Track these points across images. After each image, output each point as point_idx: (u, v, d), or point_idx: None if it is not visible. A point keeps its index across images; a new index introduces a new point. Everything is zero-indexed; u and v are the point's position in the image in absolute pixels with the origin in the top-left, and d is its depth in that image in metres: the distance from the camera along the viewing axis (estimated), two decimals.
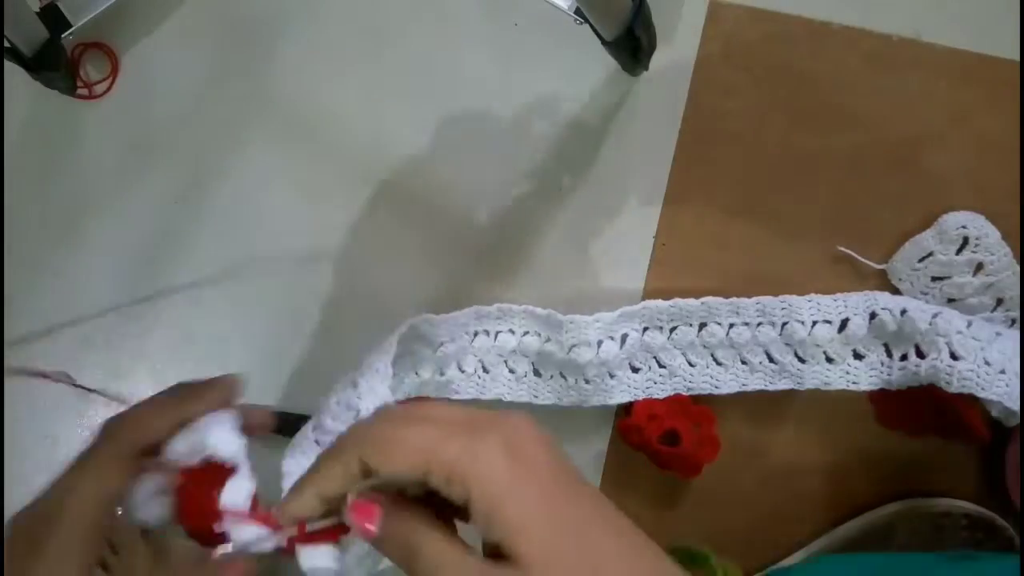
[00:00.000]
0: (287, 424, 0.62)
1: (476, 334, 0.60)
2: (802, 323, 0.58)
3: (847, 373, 0.58)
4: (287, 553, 0.33)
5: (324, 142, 0.60)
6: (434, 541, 0.30)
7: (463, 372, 0.59)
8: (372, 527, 0.31)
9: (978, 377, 0.53)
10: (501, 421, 0.30)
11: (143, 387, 0.62)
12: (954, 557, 0.49)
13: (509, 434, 0.30)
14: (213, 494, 0.34)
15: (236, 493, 0.34)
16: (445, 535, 0.31)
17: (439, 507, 0.32)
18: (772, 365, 0.59)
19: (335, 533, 0.33)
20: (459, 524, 0.32)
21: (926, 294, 0.59)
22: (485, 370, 0.60)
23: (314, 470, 0.32)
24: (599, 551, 0.29)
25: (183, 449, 0.35)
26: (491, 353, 0.60)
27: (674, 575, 0.30)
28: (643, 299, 0.60)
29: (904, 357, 0.57)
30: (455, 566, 0.30)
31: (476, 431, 0.30)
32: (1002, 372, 0.54)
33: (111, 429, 0.36)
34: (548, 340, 0.58)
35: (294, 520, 0.32)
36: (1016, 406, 0.54)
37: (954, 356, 0.54)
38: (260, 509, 0.34)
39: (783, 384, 0.59)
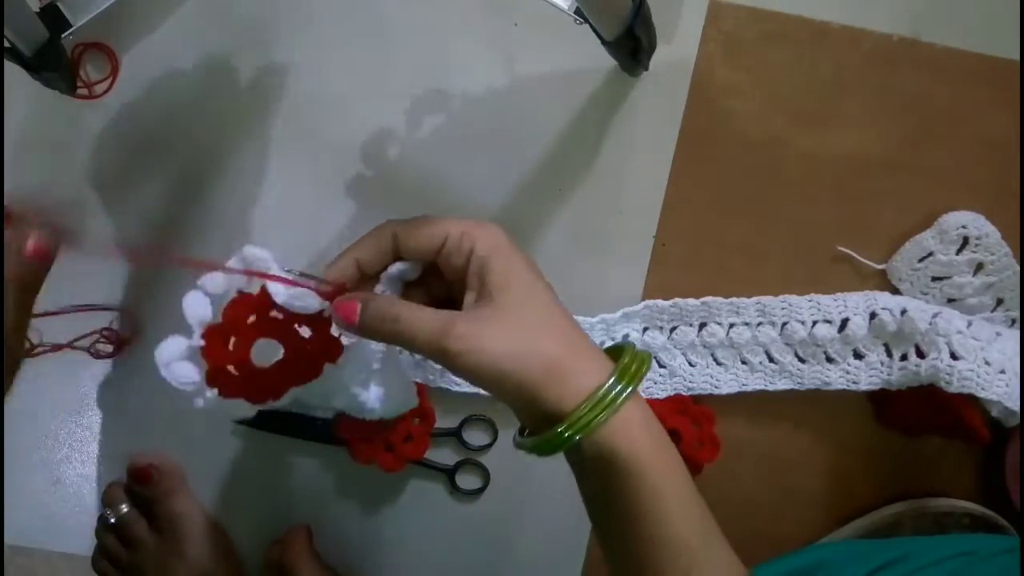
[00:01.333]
0: (289, 423, 0.62)
1: None
2: (802, 323, 0.58)
3: (847, 373, 0.58)
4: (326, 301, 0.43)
5: (324, 141, 0.60)
6: (410, 306, 0.40)
7: None
8: (354, 315, 0.40)
9: (978, 377, 0.53)
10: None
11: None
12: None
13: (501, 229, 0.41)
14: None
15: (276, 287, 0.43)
16: (423, 306, 0.40)
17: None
18: (772, 365, 0.59)
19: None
20: None
21: (926, 294, 0.59)
22: None
23: (353, 245, 0.43)
24: (554, 314, 0.40)
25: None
26: None
27: (597, 351, 0.40)
28: (643, 299, 0.60)
29: (904, 357, 0.57)
30: (433, 314, 0.39)
31: (480, 221, 0.41)
32: (1002, 372, 0.54)
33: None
34: None
35: (336, 279, 0.42)
36: (1016, 406, 0.54)
37: (954, 356, 0.54)
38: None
39: (783, 384, 0.59)
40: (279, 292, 0.43)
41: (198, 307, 0.42)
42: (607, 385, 0.38)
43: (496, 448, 0.61)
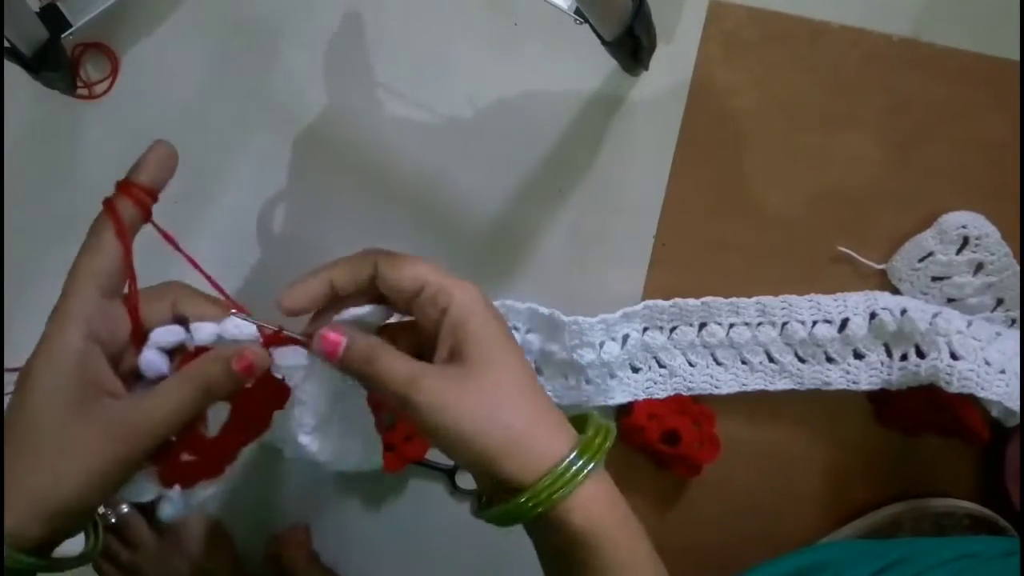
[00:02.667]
0: None
1: None
2: (802, 323, 0.58)
3: (847, 373, 0.58)
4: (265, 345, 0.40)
5: (324, 142, 0.60)
6: (388, 349, 0.39)
7: None
8: (339, 349, 0.39)
9: (978, 377, 0.53)
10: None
11: None
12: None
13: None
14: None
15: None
16: (401, 354, 0.39)
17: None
18: (772, 365, 0.59)
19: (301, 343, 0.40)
20: None
21: (926, 294, 0.59)
22: None
23: (331, 265, 0.40)
24: (522, 384, 0.39)
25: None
26: None
27: (561, 422, 0.40)
28: (643, 299, 0.60)
29: (904, 357, 0.57)
30: (406, 363, 0.39)
31: (459, 279, 0.40)
32: (1002, 372, 0.54)
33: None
34: (550, 340, 0.58)
35: (300, 296, 0.40)
36: (1016, 406, 0.54)
37: (954, 356, 0.54)
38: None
39: (783, 384, 0.59)
40: (204, 329, 0.39)
41: (155, 365, 0.39)
42: (569, 459, 0.38)
43: None
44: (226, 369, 0.38)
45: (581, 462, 0.38)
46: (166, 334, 0.39)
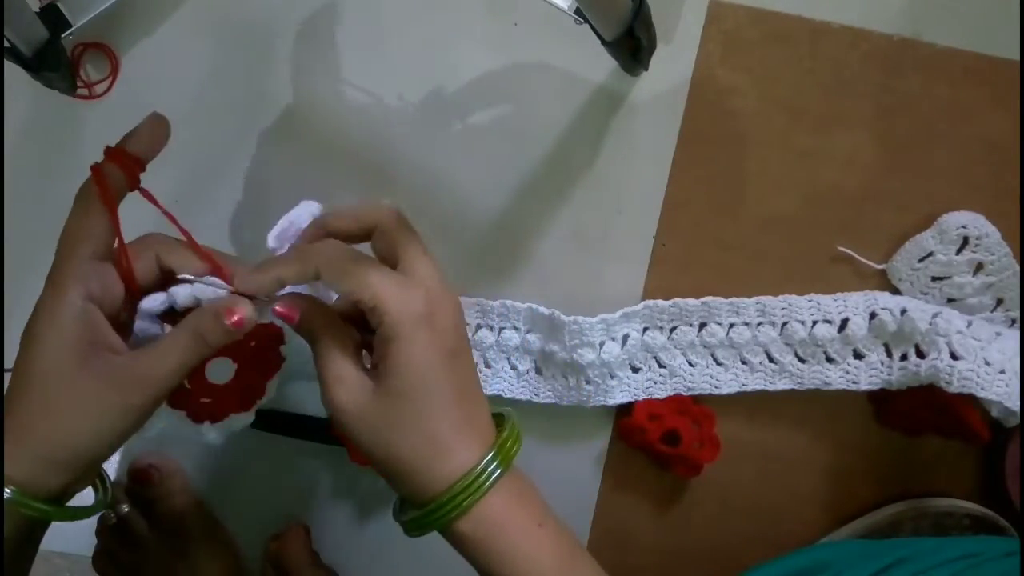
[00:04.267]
0: (289, 423, 0.62)
1: (479, 327, 0.60)
2: (802, 323, 0.58)
3: (847, 373, 0.58)
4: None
5: (323, 142, 0.60)
6: (331, 340, 0.40)
7: None
8: (295, 318, 0.41)
9: (978, 377, 0.53)
10: (428, 283, 0.40)
11: None
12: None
13: (431, 297, 0.40)
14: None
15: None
16: (345, 347, 0.40)
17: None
18: (772, 365, 0.59)
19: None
20: None
21: (926, 294, 0.59)
22: (487, 365, 0.60)
23: (285, 259, 0.41)
24: (433, 404, 0.39)
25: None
26: (493, 349, 0.60)
27: (473, 433, 0.40)
28: (643, 299, 0.60)
29: (904, 357, 0.57)
30: (339, 363, 0.40)
31: (408, 286, 0.39)
32: (1002, 372, 0.54)
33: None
34: (550, 339, 0.58)
35: (251, 285, 0.41)
36: (1016, 406, 0.54)
37: (954, 356, 0.54)
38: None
39: (783, 384, 0.59)
40: (181, 293, 0.41)
41: (148, 331, 0.42)
42: (479, 467, 0.39)
43: None
44: (218, 321, 0.39)
45: (492, 467, 0.40)
46: (152, 302, 0.41)
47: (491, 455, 0.40)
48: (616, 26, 0.49)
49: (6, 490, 0.36)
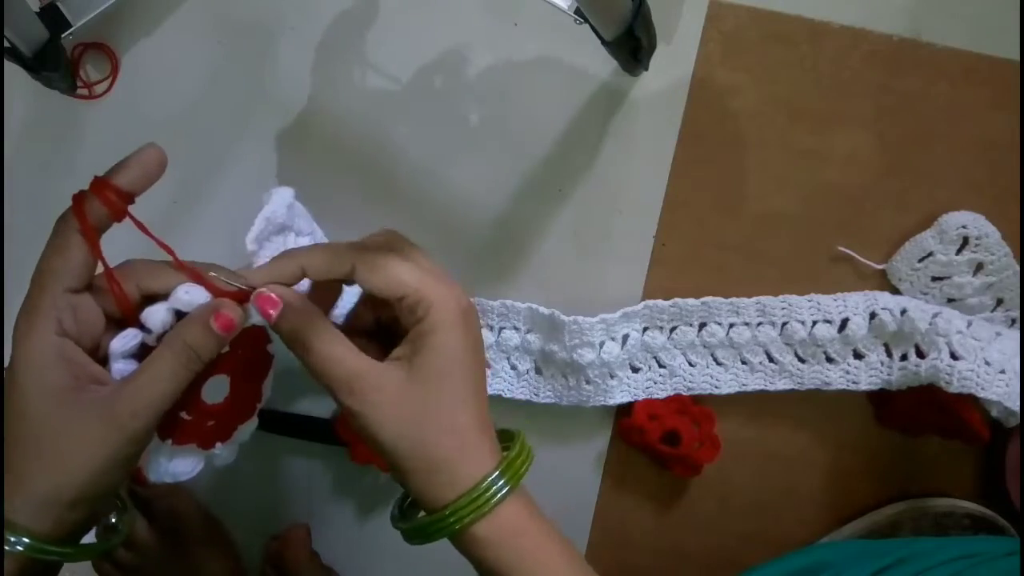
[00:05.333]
0: (289, 423, 0.62)
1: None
2: (802, 323, 0.58)
3: (847, 373, 0.58)
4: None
5: (323, 142, 0.60)
6: (330, 339, 0.39)
7: None
8: (273, 313, 0.39)
9: (978, 377, 0.53)
10: (457, 286, 0.40)
11: None
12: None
13: (463, 297, 0.40)
14: None
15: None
16: (346, 344, 0.39)
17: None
18: (772, 365, 0.59)
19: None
20: None
21: (926, 294, 0.59)
22: (487, 364, 0.60)
23: (308, 251, 0.40)
24: (466, 402, 0.39)
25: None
26: (493, 348, 0.60)
27: (487, 442, 0.40)
28: (643, 299, 0.60)
29: (904, 357, 0.57)
30: (348, 360, 0.39)
31: (447, 282, 0.40)
32: (1002, 372, 0.54)
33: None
34: (550, 339, 0.58)
35: (267, 278, 0.39)
36: (1016, 406, 0.54)
37: (954, 356, 0.54)
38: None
39: (783, 384, 0.59)
40: (155, 315, 0.39)
41: (125, 372, 0.39)
42: (487, 481, 0.39)
43: None
44: (206, 329, 0.38)
45: (500, 483, 0.39)
46: (122, 342, 0.39)
47: (507, 462, 0.39)
48: (616, 26, 0.49)
49: (23, 540, 0.35)
